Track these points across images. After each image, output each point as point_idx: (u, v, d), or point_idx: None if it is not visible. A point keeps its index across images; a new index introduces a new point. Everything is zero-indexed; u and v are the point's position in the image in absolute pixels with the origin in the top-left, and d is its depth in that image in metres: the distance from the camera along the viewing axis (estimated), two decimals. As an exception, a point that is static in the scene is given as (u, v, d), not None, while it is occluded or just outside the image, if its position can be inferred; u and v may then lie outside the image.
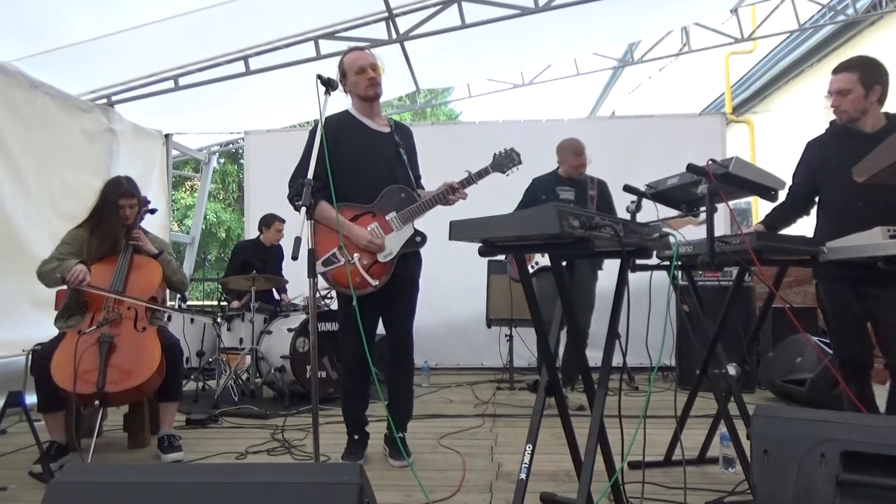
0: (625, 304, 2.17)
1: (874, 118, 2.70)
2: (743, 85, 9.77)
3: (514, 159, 3.14)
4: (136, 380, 3.03)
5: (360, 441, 3.17)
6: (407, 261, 3.09)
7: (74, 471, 1.43)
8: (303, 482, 1.33)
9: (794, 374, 4.43)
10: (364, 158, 3.05)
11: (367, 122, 3.13)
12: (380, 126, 3.15)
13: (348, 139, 3.04)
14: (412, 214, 3.03)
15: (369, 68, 3.02)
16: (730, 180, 2.21)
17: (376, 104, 3.15)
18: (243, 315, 5.15)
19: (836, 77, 2.73)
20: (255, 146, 7.14)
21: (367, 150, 3.07)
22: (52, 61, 4.94)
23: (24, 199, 4.77)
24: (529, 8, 5.68)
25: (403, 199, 3.04)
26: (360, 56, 3.06)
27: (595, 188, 4.50)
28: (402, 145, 3.14)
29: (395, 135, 3.14)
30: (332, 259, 2.99)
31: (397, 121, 3.28)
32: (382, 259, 3.02)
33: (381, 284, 3.00)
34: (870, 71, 2.67)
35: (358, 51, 3.11)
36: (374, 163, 3.06)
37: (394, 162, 3.10)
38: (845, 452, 1.58)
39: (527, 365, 6.02)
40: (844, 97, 2.69)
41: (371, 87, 3.04)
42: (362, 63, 3.02)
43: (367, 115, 3.13)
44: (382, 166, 3.07)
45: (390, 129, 3.16)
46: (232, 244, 10.51)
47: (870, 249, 2.13)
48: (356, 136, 3.07)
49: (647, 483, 2.44)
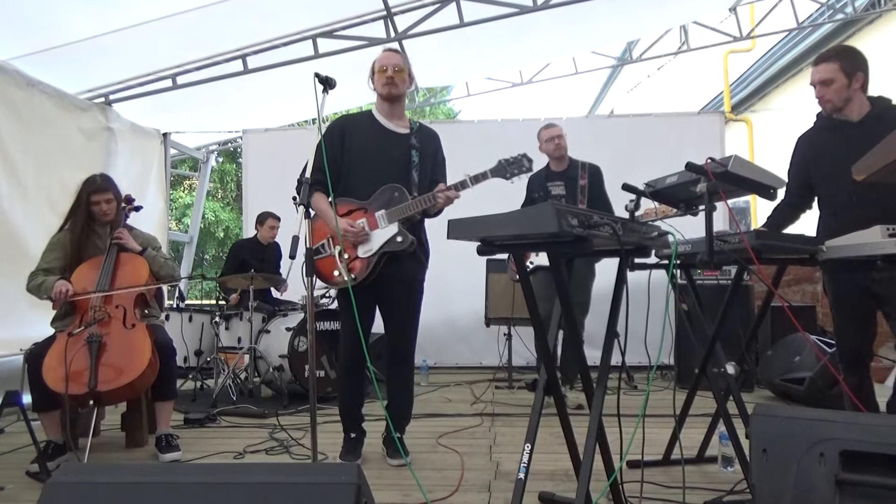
0: (623, 302, 2.16)
1: (859, 105, 2.72)
2: (742, 83, 9.77)
3: (522, 165, 3.05)
4: (127, 377, 3.02)
5: (357, 440, 3.17)
6: (400, 262, 3.05)
7: (71, 470, 1.42)
8: (300, 482, 1.33)
9: (793, 372, 4.43)
10: (370, 156, 3.07)
11: (384, 121, 3.14)
12: (397, 127, 3.15)
13: (359, 137, 3.09)
14: (398, 213, 3.00)
15: (390, 68, 3.04)
16: (728, 179, 2.20)
17: (397, 105, 3.15)
18: (241, 314, 5.14)
19: (816, 68, 2.75)
20: (254, 145, 7.13)
21: (375, 149, 3.08)
22: (50, 60, 4.92)
23: (21, 199, 4.75)
24: (528, 6, 5.67)
25: (395, 198, 3.02)
26: (386, 57, 3.10)
27: (585, 176, 4.42)
28: (417, 147, 3.11)
29: (412, 137, 3.13)
30: (319, 250, 3.05)
31: (423, 125, 3.26)
32: (362, 255, 3.03)
33: (358, 280, 3.00)
34: (850, 59, 2.70)
35: (389, 52, 3.15)
36: (379, 161, 3.07)
37: (400, 162, 3.08)
38: (844, 452, 1.57)
39: (525, 364, 6.02)
40: (827, 87, 2.71)
41: (385, 85, 3.06)
42: (384, 63, 3.06)
43: (387, 116, 3.14)
44: (387, 165, 3.07)
45: (409, 131, 3.15)
46: (230, 243, 10.50)
47: (869, 248, 2.13)
48: (368, 134, 3.10)
49: (646, 482, 2.44)
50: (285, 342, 4.64)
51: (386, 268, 3.03)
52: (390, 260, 3.03)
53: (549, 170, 4.54)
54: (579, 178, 4.41)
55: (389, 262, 3.03)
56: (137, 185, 5.97)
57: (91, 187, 3.40)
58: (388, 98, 3.10)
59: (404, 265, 3.07)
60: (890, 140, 1.74)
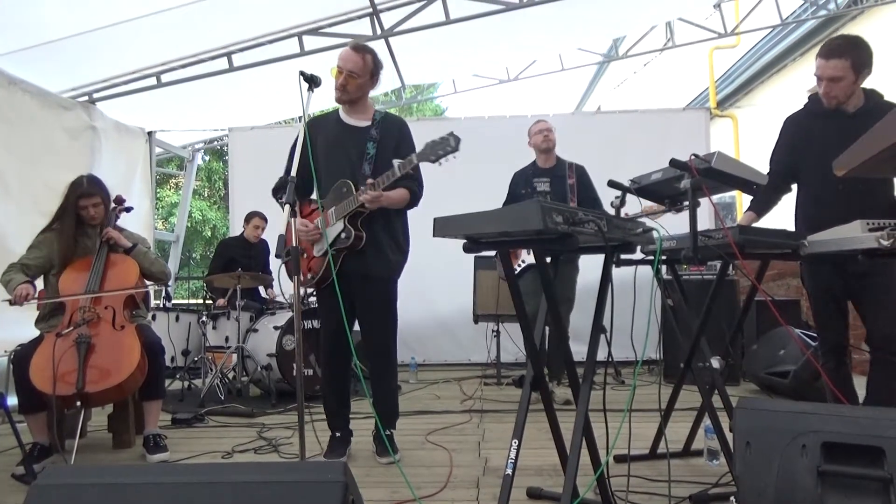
0: (609, 298, 2.18)
1: (856, 97, 2.71)
2: (727, 79, 9.84)
3: (448, 145, 2.81)
4: (115, 379, 3.00)
5: (343, 439, 3.15)
6: (364, 259, 3.00)
7: (56, 473, 1.42)
8: (287, 481, 1.33)
9: (778, 366, 4.48)
10: (330, 154, 3.09)
11: (344, 117, 3.14)
12: (358, 121, 3.13)
13: (323, 136, 3.11)
14: (342, 210, 2.98)
15: (344, 74, 3.01)
16: (712, 175, 2.23)
17: (358, 102, 3.13)
18: (229, 313, 5.12)
19: (827, 63, 2.65)
20: (240, 143, 7.10)
21: (336, 146, 3.09)
22: (32, 58, 4.87)
23: (4, 198, 4.71)
24: (514, 3, 5.68)
25: (343, 194, 3.00)
26: (343, 58, 3.04)
27: (574, 175, 4.41)
28: (375, 139, 3.08)
29: (372, 129, 3.10)
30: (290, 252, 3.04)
31: (387, 114, 3.23)
32: (316, 253, 3.08)
33: (317, 278, 3.03)
34: (860, 55, 2.63)
35: (348, 51, 3.06)
36: (337, 158, 3.07)
37: (354, 156, 3.06)
38: (826, 443, 1.59)
39: (514, 360, 6.05)
40: (836, 84, 2.65)
41: (336, 89, 3.05)
42: (339, 64, 3.03)
43: (347, 112, 3.15)
44: (343, 161, 3.06)
45: (371, 123, 3.12)
46: (217, 242, 10.46)
47: (849, 243, 2.15)
48: (329, 132, 3.12)
49: (633, 476, 2.47)
50: (273, 341, 4.63)
51: (349, 264, 3.00)
52: (351, 257, 2.99)
53: (536, 166, 4.52)
54: (567, 176, 4.39)
55: (351, 259, 2.99)
56: (122, 184, 5.92)
57: (78, 191, 3.35)
58: (340, 101, 3.10)
59: (367, 262, 3.02)
60: (869, 136, 1.76)
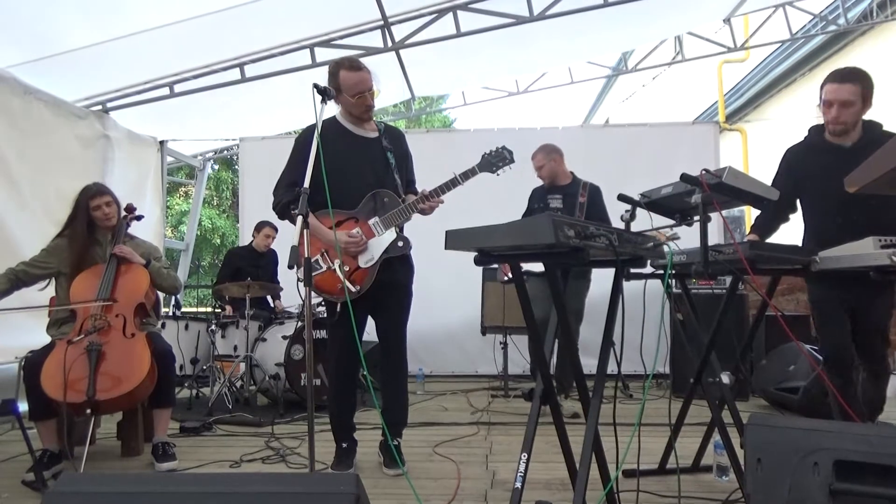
0: (619, 312, 2.18)
1: (856, 130, 2.71)
2: (736, 94, 9.84)
3: (504, 157, 3.13)
4: (126, 386, 3.01)
5: (349, 449, 3.15)
6: (394, 267, 3.06)
7: (69, 481, 1.42)
8: (299, 492, 1.33)
9: (788, 382, 4.44)
10: (349, 165, 3.04)
11: (352, 128, 3.13)
12: (366, 132, 3.15)
13: (333, 146, 3.00)
14: (394, 219, 3.02)
15: (368, 95, 3.01)
16: (723, 190, 2.23)
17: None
18: (237, 322, 5.14)
19: (841, 87, 2.64)
20: (250, 153, 7.16)
21: (353, 157, 3.07)
22: (47, 68, 4.94)
23: (18, 206, 4.75)
24: (524, 17, 5.71)
25: (386, 204, 3.03)
26: (361, 81, 2.99)
27: (586, 195, 4.43)
28: (390, 149, 3.12)
29: (382, 139, 3.13)
30: (314, 265, 2.98)
31: (388, 125, 3.28)
32: (364, 264, 3.02)
33: (363, 290, 2.99)
34: (868, 85, 2.65)
35: (357, 71, 3.00)
36: (360, 169, 3.06)
37: (379, 167, 3.09)
38: (838, 462, 1.58)
39: (521, 372, 6.03)
40: (847, 109, 2.64)
41: (367, 111, 3.07)
42: (361, 89, 2.99)
43: (354, 123, 3.14)
44: (368, 172, 3.07)
45: (378, 133, 3.15)
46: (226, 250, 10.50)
47: (861, 259, 2.15)
48: (341, 142, 3.06)
49: (642, 491, 2.45)
50: (281, 350, 4.64)
51: (379, 274, 3.03)
52: (383, 265, 3.03)
53: (552, 183, 4.56)
54: (579, 195, 4.43)
55: (382, 267, 3.03)
56: (134, 192, 5.96)
57: (89, 192, 3.42)
58: (367, 119, 3.12)
59: (396, 269, 3.08)
60: (882, 152, 1.76)
